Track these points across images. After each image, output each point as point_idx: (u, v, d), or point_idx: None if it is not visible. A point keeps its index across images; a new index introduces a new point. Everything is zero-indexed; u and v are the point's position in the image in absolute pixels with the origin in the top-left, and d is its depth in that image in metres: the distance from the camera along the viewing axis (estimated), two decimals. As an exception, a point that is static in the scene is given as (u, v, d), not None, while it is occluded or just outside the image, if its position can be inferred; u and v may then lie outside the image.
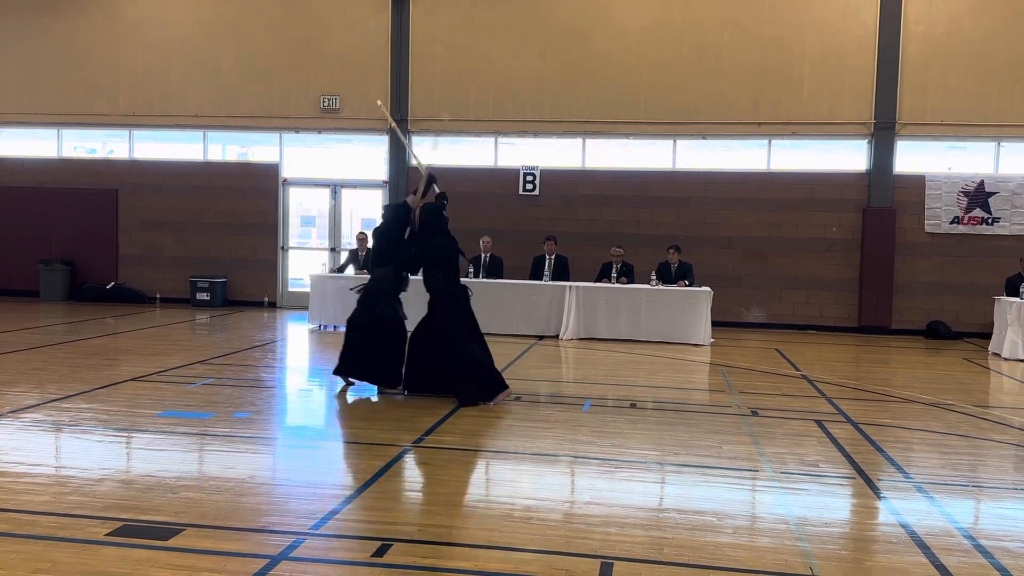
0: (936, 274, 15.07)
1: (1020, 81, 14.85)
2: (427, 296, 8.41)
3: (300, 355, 11.72)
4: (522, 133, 16.21)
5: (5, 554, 4.07)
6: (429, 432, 6.75)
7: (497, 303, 13.39)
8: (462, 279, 8.64)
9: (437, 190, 8.68)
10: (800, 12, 15.33)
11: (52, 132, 17.61)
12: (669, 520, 4.85)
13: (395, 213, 8.65)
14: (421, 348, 8.29)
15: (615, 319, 13.03)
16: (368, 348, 8.40)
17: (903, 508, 5.19)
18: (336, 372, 8.72)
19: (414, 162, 9.83)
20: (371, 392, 8.76)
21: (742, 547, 4.44)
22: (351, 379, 8.71)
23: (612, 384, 9.45)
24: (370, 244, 14.46)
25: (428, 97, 16.31)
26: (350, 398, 8.72)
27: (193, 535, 4.39)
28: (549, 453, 6.31)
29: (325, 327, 13.84)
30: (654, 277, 13.30)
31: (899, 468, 6.09)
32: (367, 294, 8.56)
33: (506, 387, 8.13)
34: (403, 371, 8.36)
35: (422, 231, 8.38)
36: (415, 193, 8.74)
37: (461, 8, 16.20)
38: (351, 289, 8.88)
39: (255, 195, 16.81)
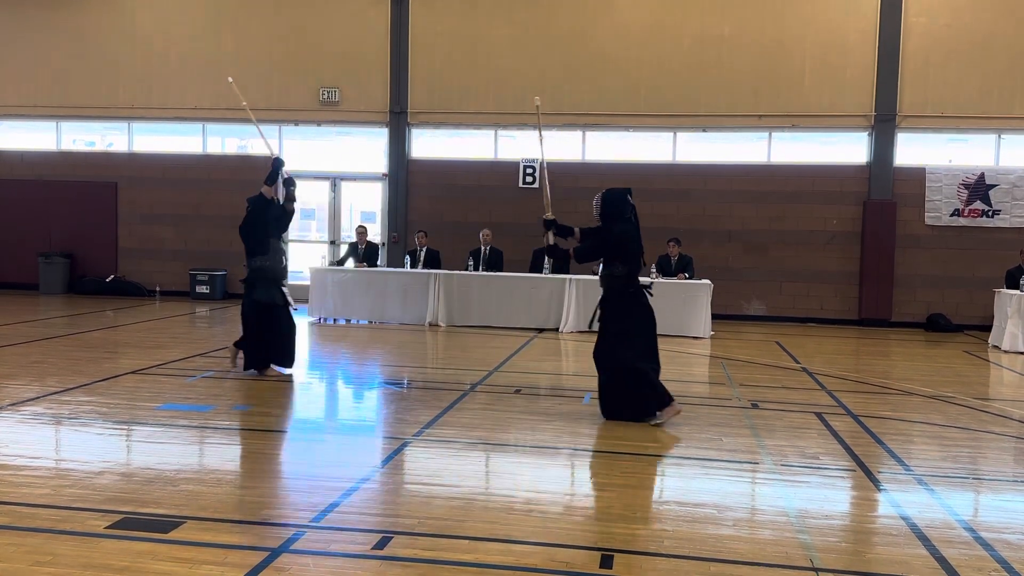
0: (936, 267, 15.07)
1: (1021, 74, 14.82)
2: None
3: (300, 348, 11.69)
4: (522, 125, 16.17)
5: (5, 547, 4.07)
6: (430, 424, 6.75)
7: (497, 296, 13.40)
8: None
9: (285, 175, 8.76)
10: (801, 5, 15.29)
11: (51, 125, 17.58)
12: (669, 512, 4.85)
13: (256, 205, 8.92)
14: (602, 365, 7.19)
15: (615, 312, 13.01)
16: (269, 334, 8.68)
17: (903, 500, 5.19)
18: (251, 366, 8.77)
19: (266, 150, 9.69)
20: (374, 385, 8.77)
21: (742, 539, 4.44)
22: (277, 366, 8.85)
23: (612, 377, 9.42)
24: (370, 237, 14.56)
25: (428, 89, 16.28)
26: (351, 391, 8.74)
27: (193, 528, 4.39)
28: (549, 446, 6.31)
29: (325, 320, 13.83)
30: (654, 270, 13.28)
31: (899, 460, 6.09)
32: (252, 284, 8.69)
33: (670, 401, 6.97)
34: (600, 398, 7.24)
35: (603, 218, 7.33)
36: (267, 183, 9.03)
37: (460, 0, 16.14)
38: (242, 280, 8.92)
39: (255, 188, 16.62)
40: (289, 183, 8.87)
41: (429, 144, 16.66)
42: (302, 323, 13.65)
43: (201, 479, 5.26)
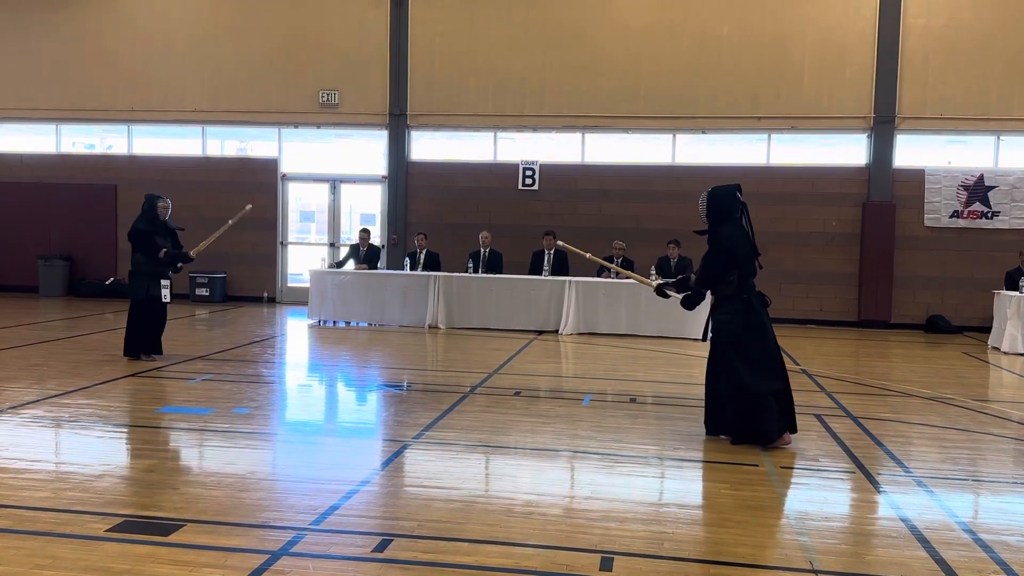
0: (936, 268, 15.08)
1: (1020, 75, 14.84)
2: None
3: (300, 351, 11.72)
4: (521, 127, 16.19)
5: (5, 550, 4.07)
6: (429, 427, 6.75)
7: (497, 298, 13.41)
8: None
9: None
10: (800, 6, 15.31)
11: (51, 128, 17.59)
12: (669, 515, 4.85)
13: (144, 213, 9.80)
14: (713, 377, 6.64)
15: (615, 314, 13.03)
16: (153, 325, 9.62)
17: (903, 502, 5.19)
18: (134, 353, 9.53)
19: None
20: (373, 387, 8.78)
21: (742, 542, 4.44)
22: (145, 355, 9.57)
23: (612, 379, 9.45)
24: (372, 240, 14.56)
25: (427, 91, 16.28)
26: (351, 393, 8.74)
27: (193, 531, 4.39)
28: (549, 448, 6.31)
29: (325, 322, 13.83)
30: (654, 272, 13.27)
31: (899, 462, 6.09)
32: (135, 278, 9.62)
33: (790, 431, 6.42)
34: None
35: (709, 220, 6.77)
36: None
37: (460, 2, 16.17)
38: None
39: (254, 190, 16.76)
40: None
41: (429, 146, 16.67)
42: (301, 325, 13.66)
43: (201, 482, 5.27)
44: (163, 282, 9.66)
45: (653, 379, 9.51)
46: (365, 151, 17.01)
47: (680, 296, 7.19)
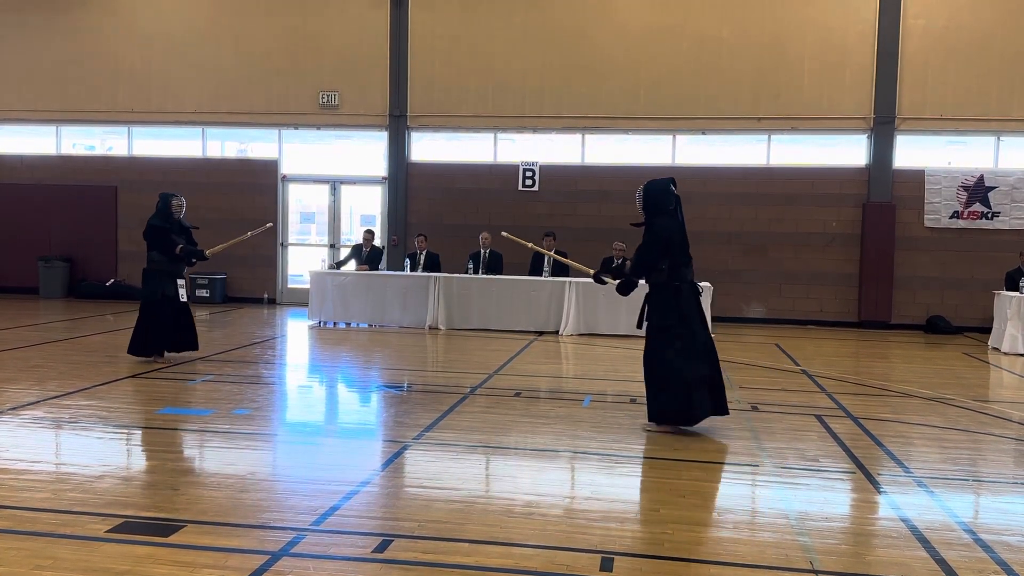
0: (936, 269, 15.08)
1: (1020, 75, 14.84)
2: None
3: (300, 351, 11.72)
4: (521, 129, 16.20)
5: (6, 551, 4.08)
6: (429, 428, 6.75)
7: (497, 299, 13.41)
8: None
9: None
10: (800, 7, 15.32)
11: (51, 129, 17.60)
12: (669, 515, 4.84)
13: (159, 212, 9.70)
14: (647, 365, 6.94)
15: (615, 315, 13.02)
16: (169, 321, 9.57)
17: (903, 502, 5.19)
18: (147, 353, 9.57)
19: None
20: (373, 388, 8.78)
21: (742, 542, 4.44)
22: (162, 354, 9.62)
23: (612, 380, 9.45)
24: (375, 242, 14.57)
25: (427, 92, 16.29)
26: (351, 394, 8.74)
27: (194, 531, 4.39)
28: (549, 448, 6.31)
29: (325, 323, 13.84)
30: (654, 272, 13.27)
31: (899, 463, 6.09)
32: (150, 277, 9.63)
33: (722, 412, 6.80)
34: None
35: (645, 212, 6.98)
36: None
37: (460, 3, 16.17)
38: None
39: (254, 191, 16.80)
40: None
41: (429, 147, 16.67)
42: (301, 326, 13.66)
43: (201, 483, 5.27)
44: (179, 281, 9.69)
45: (653, 380, 9.49)
46: (365, 152, 17.02)
47: (616, 283, 7.42)
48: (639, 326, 7.07)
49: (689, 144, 15.93)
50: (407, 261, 14.34)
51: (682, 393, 6.59)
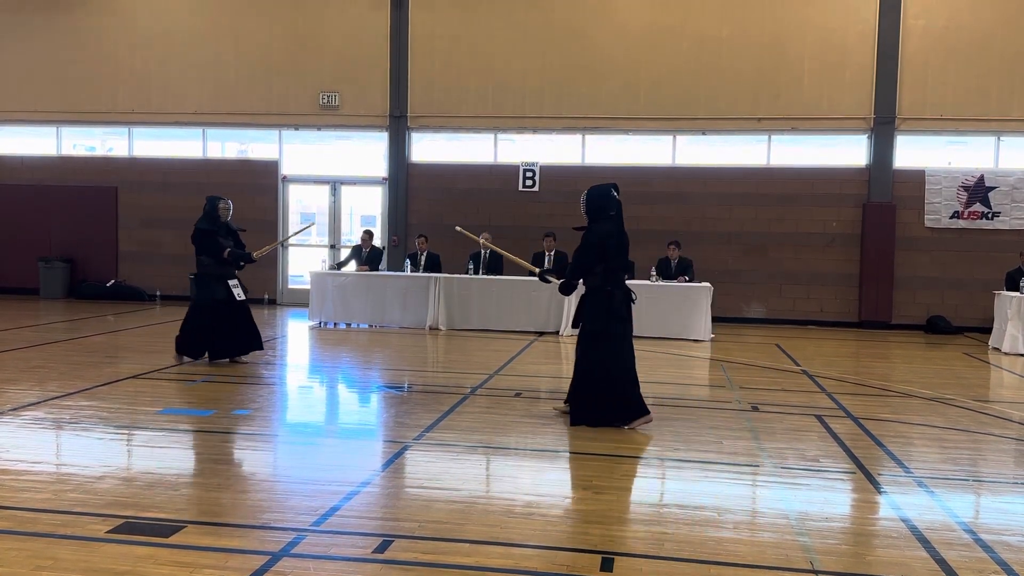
0: (936, 269, 15.08)
1: (1020, 75, 14.84)
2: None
3: (300, 352, 11.72)
4: (521, 129, 16.20)
5: (6, 551, 4.08)
6: (430, 428, 6.75)
7: (497, 299, 13.41)
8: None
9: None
10: (800, 7, 15.32)
11: (51, 130, 17.61)
12: (669, 515, 4.85)
13: (206, 215, 9.65)
14: (577, 364, 7.15)
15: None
16: (225, 326, 9.55)
17: (903, 503, 5.19)
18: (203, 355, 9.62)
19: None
20: (374, 389, 8.78)
21: (743, 542, 4.44)
22: (227, 358, 9.63)
23: (612, 380, 9.43)
24: (375, 242, 14.57)
25: (427, 93, 16.30)
26: (352, 394, 8.75)
27: (194, 532, 4.39)
28: (549, 449, 6.31)
29: (325, 324, 13.84)
30: (654, 273, 13.30)
31: (899, 463, 6.09)
32: (201, 281, 9.62)
33: (646, 413, 6.98)
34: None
35: (588, 217, 7.12)
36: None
37: (460, 4, 16.18)
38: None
39: (255, 192, 16.80)
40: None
41: (429, 148, 16.67)
42: (301, 327, 13.66)
43: (202, 483, 5.27)
44: (231, 282, 9.60)
45: (653, 380, 9.50)
46: (365, 153, 17.03)
47: (559, 283, 7.59)
48: (574, 326, 7.26)
49: (689, 144, 15.93)
50: (407, 261, 14.35)
51: (609, 394, 6.85)
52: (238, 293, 9.63)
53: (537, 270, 7.97)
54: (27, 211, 17.38)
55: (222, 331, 9.56)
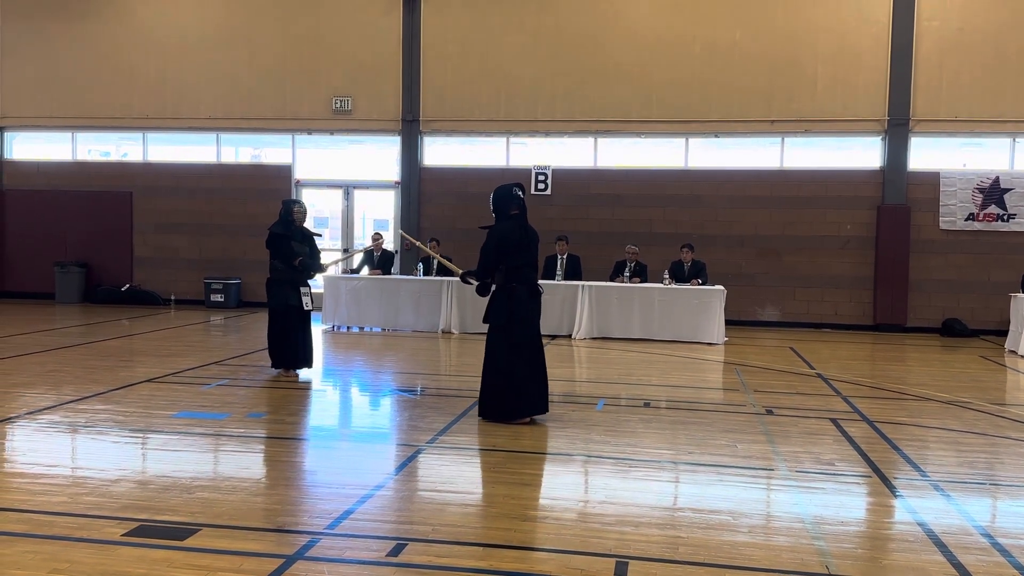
0: (951, 271, 14.98)
1: (1035, 76, 14.74)
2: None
3: (314, 356, 11.72)
4: (533, 133, 16.21)
5: (23, 554, 4.10)
6: (443, 432, 6.76)
7: (510, 303, 13.39)
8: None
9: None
10: (813, 9, 15.26)
11: (67, 135, 17.74)
12: (684, 519, 4.83)
13: (280, 219, 9.43)
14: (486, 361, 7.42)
15: (628, 318, 13.01)
16: (293, 335, 9.27)
17: (920, 506, 5.16)
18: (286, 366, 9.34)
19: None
20: (387, 392, 8.80)
21: (758, 546, 4.42)
22: (289, 369, 9.33)
23: (626, 383, 9.43)
24: (385, 245, 14.60)
25: (439, 97, 16.33)
26: (365, 398, 8.77)
27: (209, 535, 4.41)
28: (563, 452, 6.30)
29: (338, 327, 13.87)
30: (667, 276, 13.26)
31: (915, 466, 6.05)
32: (273, 287, 9.31)
33: (540, 411, 7.23)
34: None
35: (495, 215, 7.46)
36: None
37: (472, 9, 16.20)
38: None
39: (268, 196, 16.82)
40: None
41: (441, 152, 16.70)
42: (315, 330, 13.68)
43: (216, 486, 5.29)
44: (302, 289, 9.31)
45: (667, 383, 9.49)
46: (378, 157, 17.07)
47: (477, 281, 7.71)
48: (484, 321, 7.41)
49: (702, 147, 15.89)
50: (420, 265, 14.37)
51: (509, 389, 7.05)
52: (306, 302, 9.33)
53: (460, 271, 8.10)
54: (43, 216, 17.52)
55: (290, 340, 9.24)
